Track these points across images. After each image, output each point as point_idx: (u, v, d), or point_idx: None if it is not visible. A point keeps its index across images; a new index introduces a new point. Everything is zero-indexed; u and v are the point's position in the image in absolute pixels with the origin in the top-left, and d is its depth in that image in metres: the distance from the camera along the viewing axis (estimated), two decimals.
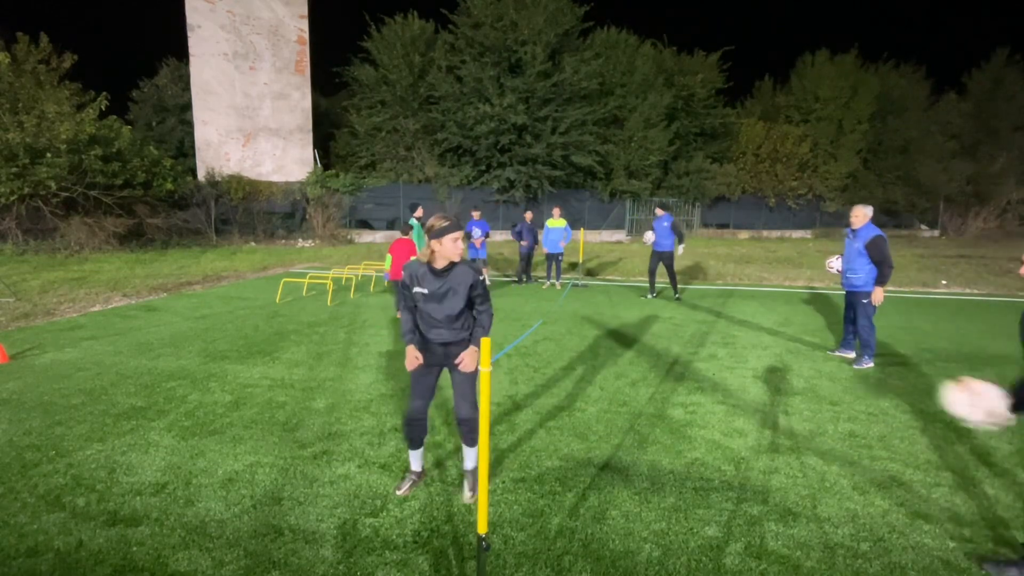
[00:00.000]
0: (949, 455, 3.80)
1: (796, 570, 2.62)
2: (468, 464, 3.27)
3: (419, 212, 9.12)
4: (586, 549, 2.75)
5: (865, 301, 5.88)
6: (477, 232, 10.57)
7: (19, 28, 15.86)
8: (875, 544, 2.81)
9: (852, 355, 6.21)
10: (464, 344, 3.12)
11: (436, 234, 2.91)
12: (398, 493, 3.19)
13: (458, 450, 3.74)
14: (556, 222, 10.96)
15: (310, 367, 5.61)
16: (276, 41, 21.45)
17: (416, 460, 3.31)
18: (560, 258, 11.11)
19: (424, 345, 3.13)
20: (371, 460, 3.61)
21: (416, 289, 3.02)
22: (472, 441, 3.16)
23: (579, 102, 21.80)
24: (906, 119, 28.82)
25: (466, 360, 3.04)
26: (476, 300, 3.06)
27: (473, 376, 3.13)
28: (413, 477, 3.30)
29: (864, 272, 5.88)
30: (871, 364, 5.90)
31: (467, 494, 3.18)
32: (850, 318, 6.22)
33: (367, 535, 2.82)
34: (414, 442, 3.23)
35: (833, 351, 6.44)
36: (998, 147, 30.21)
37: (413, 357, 3.06)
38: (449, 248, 2.93)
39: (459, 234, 2.95)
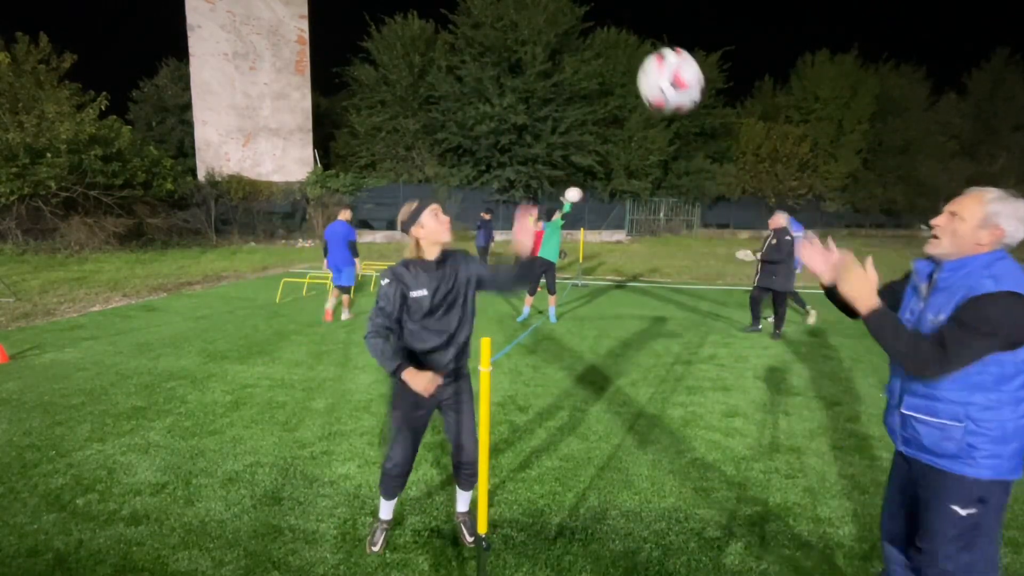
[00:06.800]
0: None
1: (796, 570, 2.62)
2: (462, 507, 2.83)
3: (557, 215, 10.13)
4: (586, 549, 2.75)
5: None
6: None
7: (19, 28, 15.87)
8: (875, 544, 2.81)
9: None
10: (467, 379, 2.65)
11: (411, 219, 2.45)
12: (374, 550, 2.66)
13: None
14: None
15: (310, 367, 5.61)
16: (276, 41, 21.44)
17: (388, 509, 2.77)
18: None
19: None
20: (371, 460, 3.61)
21: (414, 294, 2.42)
22: (472, 484, 2.73)
23: (579, 102, 21.80)
24: (906, 119, 28.84)
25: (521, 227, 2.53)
26: (485, 276, 2.56)
27: (473, 410, 2.66)
28: (384, 526, 2.76)
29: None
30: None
31: (467, 539, 2.75)
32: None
33: (367, 535, 2.82)
34: (392, 494, 2.71)
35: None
36: (998, 147, 30.26)
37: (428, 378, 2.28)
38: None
39: (437, 207, 2.48)
